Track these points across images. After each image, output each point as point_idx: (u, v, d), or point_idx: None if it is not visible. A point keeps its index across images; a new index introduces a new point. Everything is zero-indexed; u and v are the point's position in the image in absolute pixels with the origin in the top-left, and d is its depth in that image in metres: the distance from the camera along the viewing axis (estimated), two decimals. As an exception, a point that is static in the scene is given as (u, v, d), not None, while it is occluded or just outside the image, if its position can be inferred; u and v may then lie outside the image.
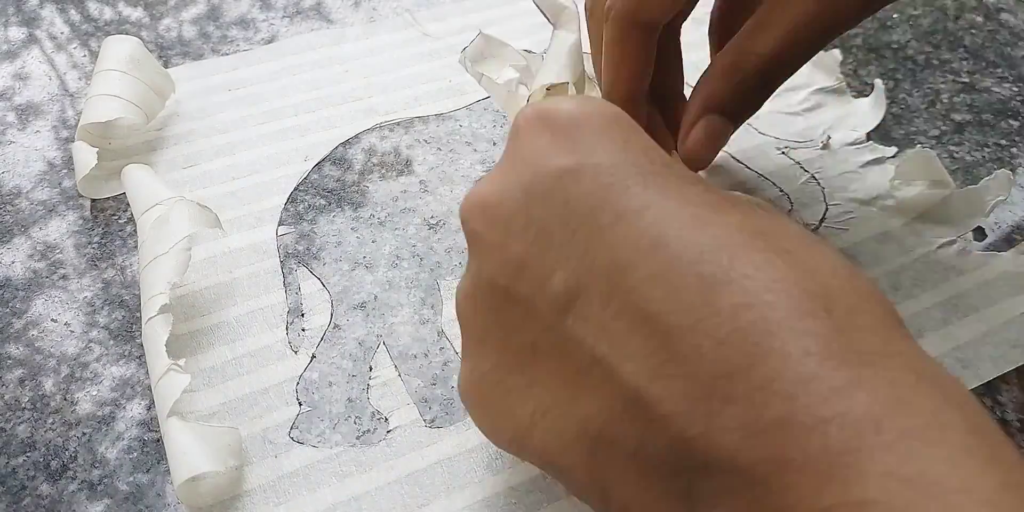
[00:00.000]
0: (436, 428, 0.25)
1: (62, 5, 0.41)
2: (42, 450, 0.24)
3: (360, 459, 0.24)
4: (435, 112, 0.35)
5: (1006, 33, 0.41)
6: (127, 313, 0.28)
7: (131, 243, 0.30)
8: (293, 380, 0.26)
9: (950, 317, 0.29)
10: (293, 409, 0.25)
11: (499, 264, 0.19)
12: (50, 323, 0.28)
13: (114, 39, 0.34)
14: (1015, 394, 0.27)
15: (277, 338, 0.27)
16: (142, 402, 0.26)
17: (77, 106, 0.36)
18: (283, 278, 0.29)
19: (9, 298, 0.28)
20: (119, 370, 0.26)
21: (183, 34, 0.39)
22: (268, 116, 0.35)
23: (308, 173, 0.33)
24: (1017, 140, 0.35)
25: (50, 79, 0.37)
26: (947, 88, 0.38)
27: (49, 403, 0.26)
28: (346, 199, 0.32)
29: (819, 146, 0.35)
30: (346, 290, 0.29)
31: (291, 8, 0.41)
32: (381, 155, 0.33)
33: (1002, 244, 0.32)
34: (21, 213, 0.31)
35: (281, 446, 0.25)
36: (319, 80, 0.37)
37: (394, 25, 0.40)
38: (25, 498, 0.23)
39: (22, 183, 0.32)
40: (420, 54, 0.38)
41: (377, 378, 0.26)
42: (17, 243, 0.30)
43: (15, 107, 0.36)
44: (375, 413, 0.25)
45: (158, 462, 0.24)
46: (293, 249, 0.30)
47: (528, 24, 0.40)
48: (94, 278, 0.29)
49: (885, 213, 0.32)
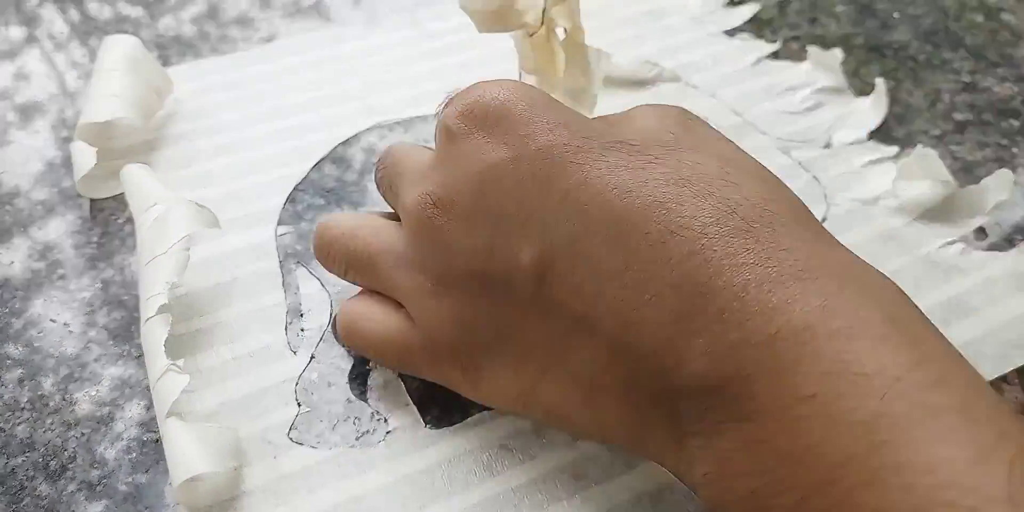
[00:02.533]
0: (436, 429, 0.25)
1: (62, 4, 0.41)
2: (41, 450, 0.24)
3: (359, 460, 0.24)
4: (435, 112, 0.35)
5: (1007, 33, 0.41)
6: (126, 313, 0.28)
7: (130, 243, 0.30)
8: (292, 380, 0.26)
9: (950, 317, 0.29)
10: (292, 409, 0.25)
11: (470, 253, 0.21)
12: (49, 323, 0.28)
13: (113, 38, 0.34)
14: (1015, 394, 0.27)
15: (276, 338, 0.27)
16: (141, 402, 0.26)
17: (77, 106, 0.36)
18: (282, 278, 0.29)
19: (8, 298, 0.28)
20: (118, 370, 0.26)
21: (182, 33, 0.39)
22: (268, 116, 0.35)
23: (307, 173, 0.33)
24: (1018, 139, 0.35)
25: (50, 78, 0.37)
26: (948, 88, 0.38)
27: (48, 403, 0.26)
28: (346, 199, 0.32)
29: (821, 145, 0.35)
30: (346, 290, 0.29)
31: (290, 7, 0.41)
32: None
33: (1003, 244, 0.31)
34: (20, 213, 0.31)
35: (280, 447, 0.25)
36: (319, 80, 0.37)
37: (394, 25, 0.40)
38: (24, 498, 0.23)
39: (21, 183, 0.32)
40: (420, 54, 0.38)
41: (377, 378, 0.26)
42: (16, 243, 0.30)
43: (15, 106, 0.35)
44: (374, 414, 0.25)
45: (157, 462, 0.24)
46: (292, 249, 0.30)
47: (528, 23, 0.40)
48: (93, 278, 0.29)
49: (886, 213, 0.32)
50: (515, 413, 0.24)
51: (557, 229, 0.20)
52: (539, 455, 0.25)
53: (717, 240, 0.18)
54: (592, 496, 0.24)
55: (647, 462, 0.24)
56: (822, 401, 0.16)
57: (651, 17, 0.41)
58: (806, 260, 0.18)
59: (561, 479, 0.24)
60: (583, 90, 0.30)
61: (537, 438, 0.25)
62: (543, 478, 0.24)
